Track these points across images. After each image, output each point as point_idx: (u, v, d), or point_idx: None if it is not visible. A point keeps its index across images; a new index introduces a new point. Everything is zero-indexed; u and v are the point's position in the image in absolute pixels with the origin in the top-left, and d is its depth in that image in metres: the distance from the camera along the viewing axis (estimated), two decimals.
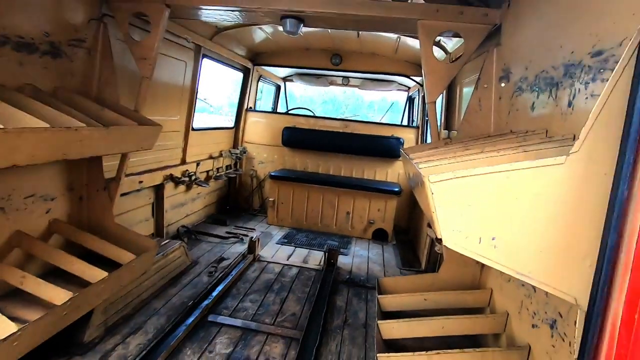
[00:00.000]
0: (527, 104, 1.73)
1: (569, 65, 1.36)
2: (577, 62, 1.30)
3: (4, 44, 1.91)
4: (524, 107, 1.75)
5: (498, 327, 1.84)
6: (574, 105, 1.32)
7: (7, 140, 1.47)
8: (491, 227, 0.96)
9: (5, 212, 2.14)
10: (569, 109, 1.35)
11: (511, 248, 0.96)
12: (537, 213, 0.93)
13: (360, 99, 27.63)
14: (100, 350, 2.26)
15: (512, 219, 0.95)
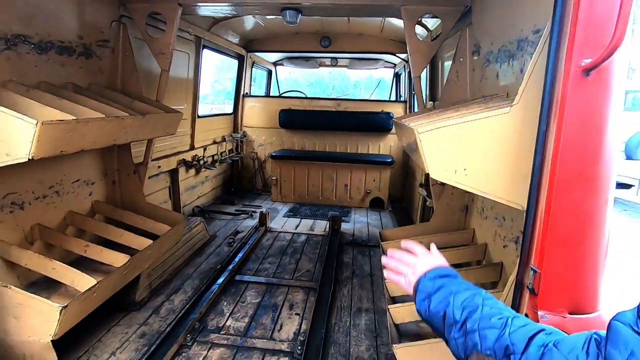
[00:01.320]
0: (493, 73, 2.12)
1: (520, 41, 1.75)
2: (525, 37, 1.70)
3: (50, 48, 2.22)
4: (492, 75, 2.15)
5: (479, 255, 2.30)
6: (524, 70, 1.72)
7: (78, 129, 1.81)
8: (463, 161, 1.36)
9: (59, 195, 2.49)
10: (521, 74, 1.75)
11: (477, 175, 1.37)
12: (493, 148, 1.34)
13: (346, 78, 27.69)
14: (151, 306, 2.67)
15: (476, 154, 1.35)
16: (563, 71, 1.13)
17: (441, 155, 1.38)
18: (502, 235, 2.02)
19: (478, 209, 2.46)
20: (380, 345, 2.32)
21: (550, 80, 1.17)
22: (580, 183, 1.13)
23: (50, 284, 2.25)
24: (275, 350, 2.27)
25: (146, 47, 3.05)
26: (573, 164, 1.13)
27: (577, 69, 1.10)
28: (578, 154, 1.12)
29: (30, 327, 1.82)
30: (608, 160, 1.16)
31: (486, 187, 1.39)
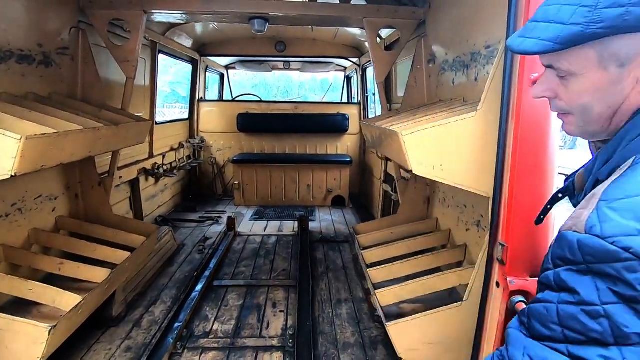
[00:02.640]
0: (449, 80, 2.43)
1: (474, 53, 2.06)
2: (477, 51, 2.00)
3: (9, 57, 2.09)
4: (447, 82, 2.45)
5: (444, 240, 2.60)
6: (478, 79, 2.03)
7: (58, 142, 1.76)
8: (439, 158, 1.60)
9: (22, 212, 2.34)
10: (476, 82, 2.05)
11: (451, 169, 1.62)
12: (462, 147, 1.59)
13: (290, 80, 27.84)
14: (131, 320, 2.61)
15: (449, 152, 1.60)
16: (517, 82, 1.40)
17: (422, 153, 1.61)
18: (465, 220, 2.33)
19: (440, 199, 2.77)
20: (364, 329, 2.53)
21: (507, 90, 1.44)
22: (535, 172, 1.42)
23: (19, 308, 2.11)
24: (267, 346, 2.36)
25: (103, 53, 2.94)
26: (528, 157, 1.41)
27: (528, 81, 1.38)
28: (532, 148, 1.40)
29: (13, 353, 1.73)
30: (552, 153, 1.46)
31: (458, 179, 1.64)
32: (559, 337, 0.60)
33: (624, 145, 0.68)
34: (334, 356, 2.27)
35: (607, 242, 0.55)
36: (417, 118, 1.96)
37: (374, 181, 5.04)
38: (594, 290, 0.57)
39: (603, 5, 0.60)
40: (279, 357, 2.27)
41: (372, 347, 2.35)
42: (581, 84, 0.68)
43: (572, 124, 0.75)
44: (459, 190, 2.41)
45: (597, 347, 0.57)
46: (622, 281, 0.54)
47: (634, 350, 0.55)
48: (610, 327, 0.55)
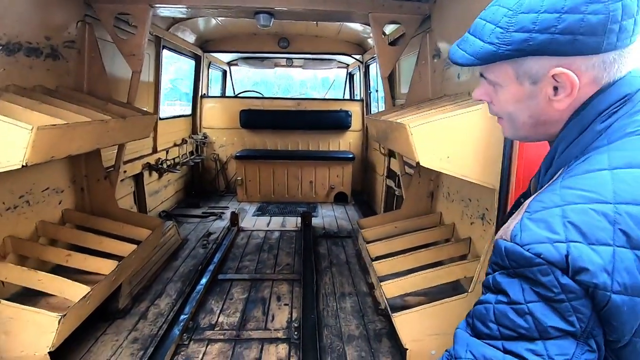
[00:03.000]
0: (454, 74, 2.44)
1: None
2: None
3: (18, 50, 2.10)
4: (452, 77, 2.46)
5: (448, 234, 2.62)
6: None
7: (68, 133, 1.78)
8: (446, 150, 1.61)
9: (30, 204, 2.36)
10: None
11: (457, 161, 1.63)
12: (469, 139, 1.61)
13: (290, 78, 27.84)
14: (137, 312, 2.62)
15: (456, 144, 1.61)
16: None
17: (428, 146, 1.63)
18: (469, 214, 2.35)
19: (444, 194, 2.79)
20: (368, 322, 2.55)
21: None
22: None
23: (28, 299, 2.13)
24: (272, 338, 2.38)
25: (109, 48, 2.96)
26: (535, 148, 1.43)
27: None
28: None
29: (23, 341, 1.75)
30: None
31: (465, 171, 1.66)
32: (495, 334, 0.66)
33: (557, 156, 0.76)
34: (339, 348, 2.29)
35: (524, 249, 0.62)
36: (423, 112, 1.97)
37: (377, 177, 5.06)
38: (520, 290, 0.63)
39: (513, 29, 0.67)
40: (285, 348, 2.29)
41: (376, 339, 2.36)
42: (505, 94, 0.76)
43: (505, 127, 0.84)
44: (463, 184, 2.43)
45: (525, 342, 0.63)
46: (538, 283, 0.61)
47: (554, 342, 0.62)
48: (534, 322, 0.62)
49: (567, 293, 0.60)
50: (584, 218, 0.61)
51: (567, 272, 0.60)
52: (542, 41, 0.66)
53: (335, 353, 2.24)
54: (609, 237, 0.59)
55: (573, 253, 0.59)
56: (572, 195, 0.63)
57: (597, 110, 0.70)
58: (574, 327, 0.61)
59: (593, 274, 0.59)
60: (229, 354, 2.23)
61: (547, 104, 0.73)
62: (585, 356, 0.62)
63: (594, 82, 0.70)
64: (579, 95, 0.70)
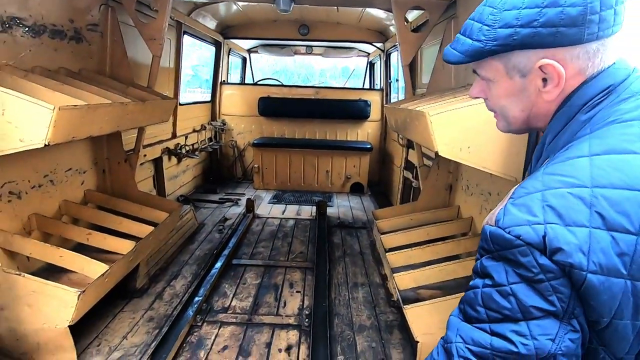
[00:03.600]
0: None
1: None
2: None
3: (43, 32, 2.15)
4: None
5: (465, 227, 2.55)
6: None
7: (89, 114, 1.81)
8: (466, 140, 1.55)
9: (54, 184, 2.43)
10: None
11: (478, 152, 1.57)
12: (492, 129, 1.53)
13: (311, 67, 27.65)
14: (153, 292, 2.70)
15: (477, 134, 1.55)
16: None
17: (448, 135, 1.57)
18: (489, 208, 2.27)
19: (463, 187, 2.71)
20: (379, 313, 2.53)
21: None
22: None
23: (51, 274, 2.22)
24: (284, 324, 2.40)
25: (131, 32, 2.99)
26: None
27: None
28: None
29: (45, 314, 1.82)
30: None
31: (486, 162, 1.59)
32: (483, 317, 0.69)
33: (546, 146, 0.80)
34: (349, 337, 2.28)
35: (505, 232, 0.64)
36: (444, 100, 1.90)
37: (394, 169, 4.98)
38: (503, 273, 0.66)
39: (498, 25, 0.71)
40: (295, 335, 2.30)
41: (387, 330, 2.35)
42: (497, 90, 0.80)
43: (499, 121, 0.89)
44: (484, 177, 2.35)
45: (509, 323, 0.66)
46: (519, 264, 0.64)
47: (537, 323, 0.64)
48: (517, 303, 0.65)
49: (546, 273, 0.62)
50: (562, 201, 0.63)
51: (545, 252, 0.62)
52: (525, 35, 0.70)
53: (345, 342, 2.24)
54: (585, 219, 0.61)
55: (550, 234, 0.61)
56: (552, 181, 0.66)
57: (582, 101, 0.73)
58: (555, 307, 0.63)
59: (568, 253, 0.61)
60: (241, 337, 2.26)
61: (537, 96, 0.76)
62: (569, 336, 0.64)
63: (580, 73, 0.72)
64: (566, 86, 0.73)
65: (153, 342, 2.12)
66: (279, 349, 2.18)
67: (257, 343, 2.22)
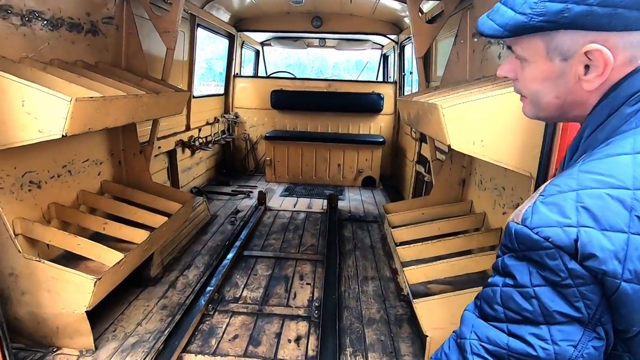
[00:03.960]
0: (495, 54, 2.29)
1: None
2: None
3: (61, 25, 2.19)
4: (493, 57, 2.31)
5: (478, 223, 2.52)
6: None
7: (104, 106, 1.85)
8: (480, 134, 1.52)
9: (72, 174, 2.50)
10: None
11: (492, 146, 1.54)
12: (507, 122, 1.50)
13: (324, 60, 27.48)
14: (167, 281, 2.76)
15: (492, 127, 1.52)
16: None
17: (461, 128, 1.54)
18: (502, 203, 2.24)
19: (476, 181, 2.67)
20: (389, 307, 2.53)
21: None
22: None
23: (69, 262, 2.29)
24: (294, 315, 2.43)
25: (146, 25, 3.02)
26: None
27: None
28: None
29: (63, 300, 1.89)
30: None
31: (500, 156, 1.56)
32: (501, 317, 0.66)
33: (584, 140, 0.73)
34: (359, 330, 2.30)
35: (533, 232, 0.61)
36: (458, 93, 1.87)
37: (407, 163, 4.94)
38: (527, 274, 0.63)
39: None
40: (305, 326, 2.33)
41: (397, 324, 2.35)
42: (532, 71, 0.72)
43: (527, 106, 0.80)
44: (498, 172, 2.31)
45: (529, 326, 0.63)
46: (545, 267, 0.60)
47: (559, 328, 0.61)
48: (540, 307, 0.62)
49: (575, 278, 0.59)
50: (599, 203, 0.58)
51: (576, 257, 0.58)
52: (578, 13, 0.62)
53: (355, 334, 2.25)
54: (623, 224, 0.57)
55: (583, 238, 0.57)
56: (588, 180, 0.61)
57: (629, 92, 0.65)
58: (581, 314, 0.60)
59: (602, 260, 0.57)
60: (251, 326, 2.30)
61: (576, 84, 0.68)
62: (592, 343, 0.61)
63: (629, 63, 0.65)
64: (611, 76, 0.66)
65: (166, 329, 2.17)
66: (289, 339, 2.21)
67: (267, 333, 2.25)
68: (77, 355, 1.97)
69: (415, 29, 2.76)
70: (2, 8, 1.84)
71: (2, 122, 1.59)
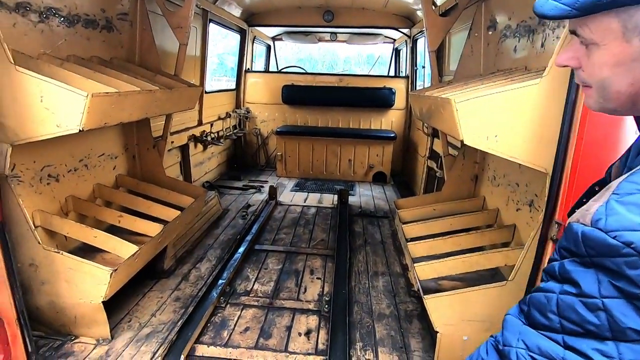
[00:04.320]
0: (510, 47, 2.24)
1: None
2: None
3: (77, 21, 2.23)
4: (508, 50, 2.26)
5: (491, 219, 2.49)
6: (545, 46, 1.84)
7: (119, 101, 1.88)
8: (494, 129, 1.50)
9: (88, 168, 2.56)
10: (542, 49, 1.87)
11: (506, 141, 1.51)
12: (522, 117, 1.48)
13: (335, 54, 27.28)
14: (180, 274, 2.81)
15: (506, 122, 1.49)
16: None
17: (474, 123, 1.52)
18: (516, 200, 2.20)
19: (489, 177, 2.63)
20: (399, 302, 2.53)
21: None
22: (604, 146, 1.28)
23: (86, 253, 2.35)
24: (304, 309, 2.45)
25: (159, 21, 3.05)
26: (598, 129, 1.28)
27: None
28: (604, 120, 1.27)
29: (81, 290, 1.94)
30: (627, 126, 1.31)
31: (514, 152, 1.53)
32: (556, 327, 0.60)
33: None
34: (369, 325, 2.30)
35: (610, 235, 0.53)
36: (471, 87, 1.84)
37: (418, 158, 4.90)
38: (595, 282, 0.56)
39: None
40: (315, 320, 2.35)
41: (407, 320, 2.35)
42: (602, 56, 0.61)
43: (591, 97, 0.68)
44: (511, 168, 2.27)
45: (592, 340, 0.56)
46: (623, 276, 0.53)
47: (630, 346, 0.54)
48: (608, 321, 0.54)
49: None
50: None
51: None
52: None
53: (365, 329, 2.26)
54: None
55: None
56: None
57: None
58: None
59: None
60: (262, 319, 2.33)
61: None
62: None
63: None
64: None
65: (179, 321, 2.22)
66: (299, 332, 2.23)
67: (277, 326, 2.28)
68: (94, 344, 2.03)
69: (428, 22, 2.72)
70: (21, 5, 1.88)
71: (21, 117, 1.63)
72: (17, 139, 1.67)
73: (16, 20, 1.87)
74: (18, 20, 1.89)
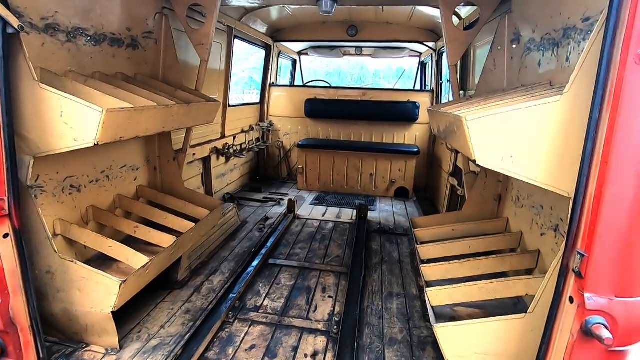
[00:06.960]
0: (534, 61, 2.12)
1: (567, 29, 1.75)
2: (572, 25, 1.69)
3: (103, 40, 2.35)
4: (532, 64, 2.14)
5: (514, 243, 2.33)
6: (570, 60, 1.72)
7: (135, 116, 1.94)
8: (509, 149, 1.40)
9: (109, 179, 2.65)
10: (567, 63, 1.75)
11: (523, 162, 1.41)
12: (541, 136, 1.37)
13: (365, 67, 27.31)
14: (192, 285, 2.83)
15: (523, 141, 1.39)
16: (619, 60, 1.14)
17: (488, 142, 1.42)
18: (540, 223, 2.05)
19: (513, 198, 2.47)
20: (413, 327, 2.40)
21: (604, 69, 1.19)
22: (633, 169, 1.16)
23: (103, 262, 2.43)
24: (312, 329, 2.38)
25: (183, 38, 3.16)
26: (627, 151, 1.16)
27: (634, 58, 1.12)
28: (632, 141, 1.15)
29: (92, 299, 1.98)
30: None
31: (532, 173, 1.42)
32: None
33: None
34: (379, 350, 2.19)
35: None
36: (489, 103, 1.74)
37: (442, 174, 4.73)
38: None
39: None
40: (323, 341, 2.27)
41: (420, 347, 2.22)
42: None
43: None
44: (536, 188, 2.12)
45: None
46: None
47: None
48: None
49: None
50: None
51: None
52: None
53: (374, 354, 2.15)
54: None
55: None
56: None
57: None
58: None
59: None
60: (269, 337, 2.28)
61: None
62: None
63: None
64: None
65: (187, 334, 2.21)
66: (305, 354, 2.16)
67: (284, 346, 2.22)
68: (103, 353, 2.06)
69: (448, 36, 2.64)
70: (50, 26, 2.00)
71: (42, 131, 1.72)
72: (39, 152, 1.76)
73: (45, 40, 2.00)
74: (47, 40, 2.01)
